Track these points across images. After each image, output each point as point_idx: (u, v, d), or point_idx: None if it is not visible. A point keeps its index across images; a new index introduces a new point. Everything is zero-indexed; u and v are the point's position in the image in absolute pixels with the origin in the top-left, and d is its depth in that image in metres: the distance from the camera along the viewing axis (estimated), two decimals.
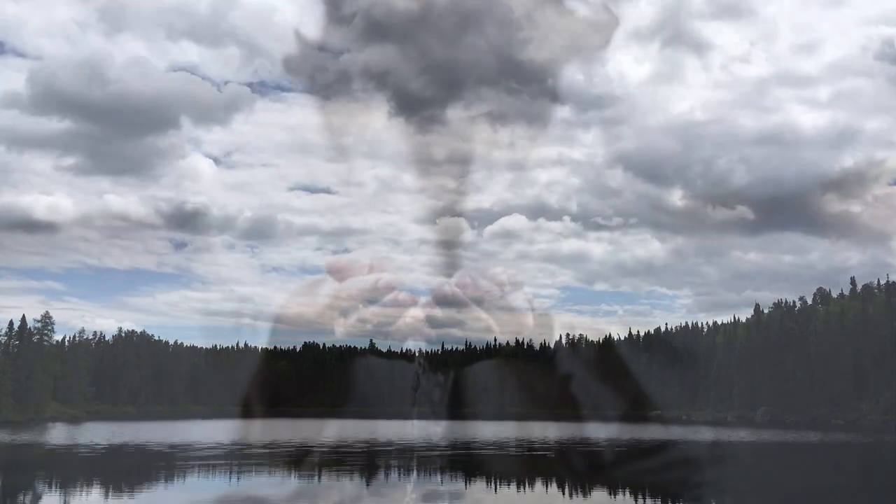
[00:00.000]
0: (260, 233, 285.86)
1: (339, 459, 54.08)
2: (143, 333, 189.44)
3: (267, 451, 60.51)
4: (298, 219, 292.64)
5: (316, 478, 43.06)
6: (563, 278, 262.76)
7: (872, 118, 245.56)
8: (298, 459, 53.83)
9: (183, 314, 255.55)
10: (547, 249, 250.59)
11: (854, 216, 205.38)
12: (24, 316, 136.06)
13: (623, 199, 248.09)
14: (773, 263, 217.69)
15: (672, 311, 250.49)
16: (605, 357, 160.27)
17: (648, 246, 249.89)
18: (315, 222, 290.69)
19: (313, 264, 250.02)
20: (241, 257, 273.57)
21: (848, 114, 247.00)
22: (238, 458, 54.32)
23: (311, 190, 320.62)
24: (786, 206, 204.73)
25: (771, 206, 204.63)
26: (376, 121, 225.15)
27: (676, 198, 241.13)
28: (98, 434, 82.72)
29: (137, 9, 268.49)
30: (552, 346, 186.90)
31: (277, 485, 39.90)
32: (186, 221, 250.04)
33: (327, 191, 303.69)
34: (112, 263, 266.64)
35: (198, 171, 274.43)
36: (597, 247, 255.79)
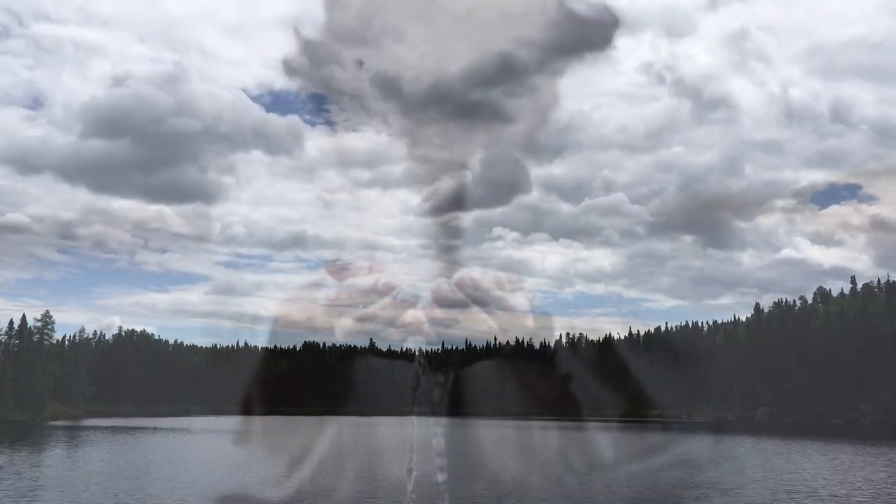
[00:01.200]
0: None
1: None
2: (143, 333, 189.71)
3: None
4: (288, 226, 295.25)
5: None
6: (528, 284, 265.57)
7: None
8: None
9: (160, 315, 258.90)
10: (502, 257, 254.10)
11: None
12: (24, 315, 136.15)
13: (553, 217, 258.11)
14: (715, 272, 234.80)
15: (639, 314, 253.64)
16: (605, 357, 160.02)
17: (598, 256, 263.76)
18: (304, 230, 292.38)
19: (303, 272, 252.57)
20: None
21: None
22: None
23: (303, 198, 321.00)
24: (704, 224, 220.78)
25: (688, 223, 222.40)
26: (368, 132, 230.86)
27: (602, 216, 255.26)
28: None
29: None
30: (552, 345, 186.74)
31: (276, 486, 39.90)
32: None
33: (318, 199, 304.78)
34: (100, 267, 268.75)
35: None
36: (543, 257, 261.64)
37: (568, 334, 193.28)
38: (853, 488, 39.96)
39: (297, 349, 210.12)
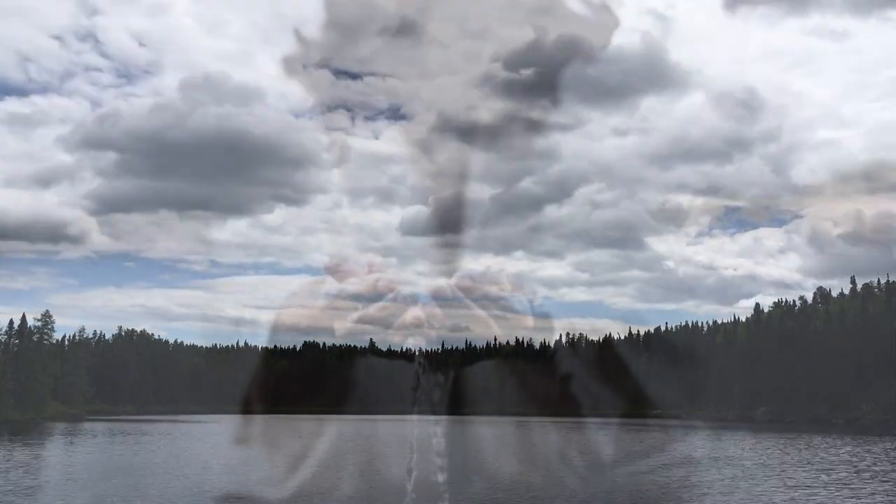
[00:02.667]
0: None
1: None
2: (143, 333, 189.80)
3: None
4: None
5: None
6: None
7: None
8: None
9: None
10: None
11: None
12: (24, 315, 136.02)
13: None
14: (655, 280, 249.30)
15: (603, 316, 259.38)
16: (605, 357, 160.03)
17: (549, 266, 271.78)
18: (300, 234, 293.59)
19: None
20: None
21: None
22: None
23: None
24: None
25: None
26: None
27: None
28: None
29: None
30: (552, 345, 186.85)
31: (275, 486, 39.90)
32: None
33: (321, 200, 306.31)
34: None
35: None
36: (501, 267, 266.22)
37: (568, 334, 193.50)
38: (852, 485, 39.98)
39: (297, 349, 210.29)
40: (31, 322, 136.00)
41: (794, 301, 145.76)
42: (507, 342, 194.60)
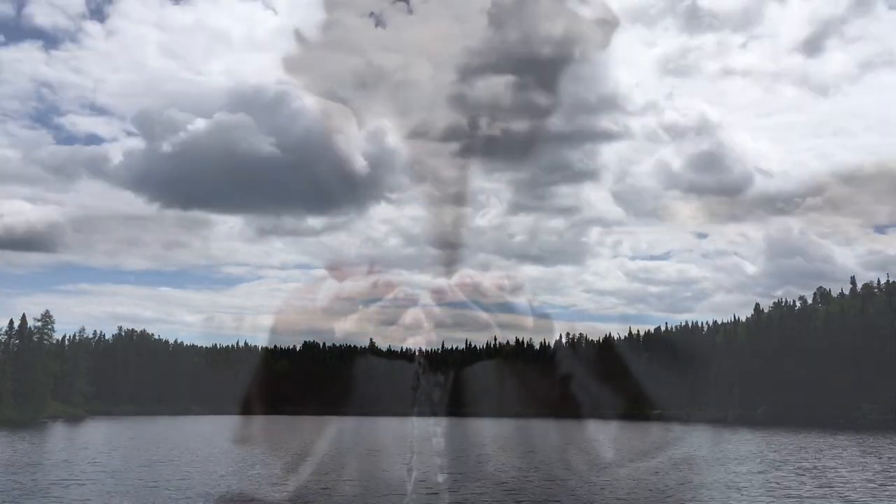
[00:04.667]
0: None
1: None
2: (143, 333, 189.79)
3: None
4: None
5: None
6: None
7: None
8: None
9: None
10: None
11: None
12: (24, 315, 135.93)
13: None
14: (618, 287, 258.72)
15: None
16: (605, 357, 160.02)
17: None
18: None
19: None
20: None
21: None
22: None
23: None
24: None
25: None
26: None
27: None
28: None
29: None
30: (552, 345, 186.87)
31: (276, 486, 39.90)
32: None
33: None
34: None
35: None
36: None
37: (568, 334, 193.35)
38: (854, 484, 39.99)
39: (297, 349, 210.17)
40: (31, 322, 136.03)
41: (794, 301, 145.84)
42: (507, 342, 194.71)
